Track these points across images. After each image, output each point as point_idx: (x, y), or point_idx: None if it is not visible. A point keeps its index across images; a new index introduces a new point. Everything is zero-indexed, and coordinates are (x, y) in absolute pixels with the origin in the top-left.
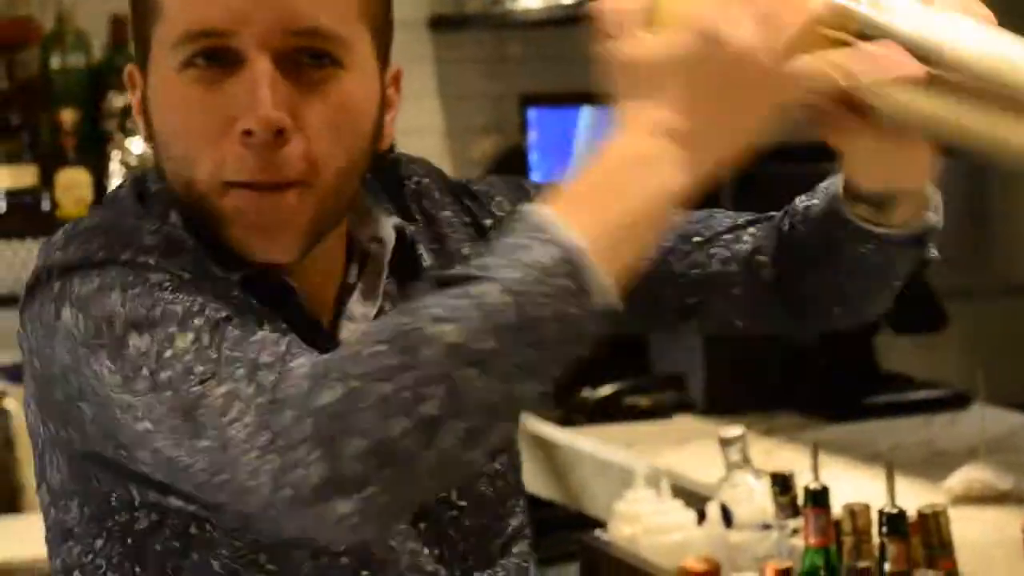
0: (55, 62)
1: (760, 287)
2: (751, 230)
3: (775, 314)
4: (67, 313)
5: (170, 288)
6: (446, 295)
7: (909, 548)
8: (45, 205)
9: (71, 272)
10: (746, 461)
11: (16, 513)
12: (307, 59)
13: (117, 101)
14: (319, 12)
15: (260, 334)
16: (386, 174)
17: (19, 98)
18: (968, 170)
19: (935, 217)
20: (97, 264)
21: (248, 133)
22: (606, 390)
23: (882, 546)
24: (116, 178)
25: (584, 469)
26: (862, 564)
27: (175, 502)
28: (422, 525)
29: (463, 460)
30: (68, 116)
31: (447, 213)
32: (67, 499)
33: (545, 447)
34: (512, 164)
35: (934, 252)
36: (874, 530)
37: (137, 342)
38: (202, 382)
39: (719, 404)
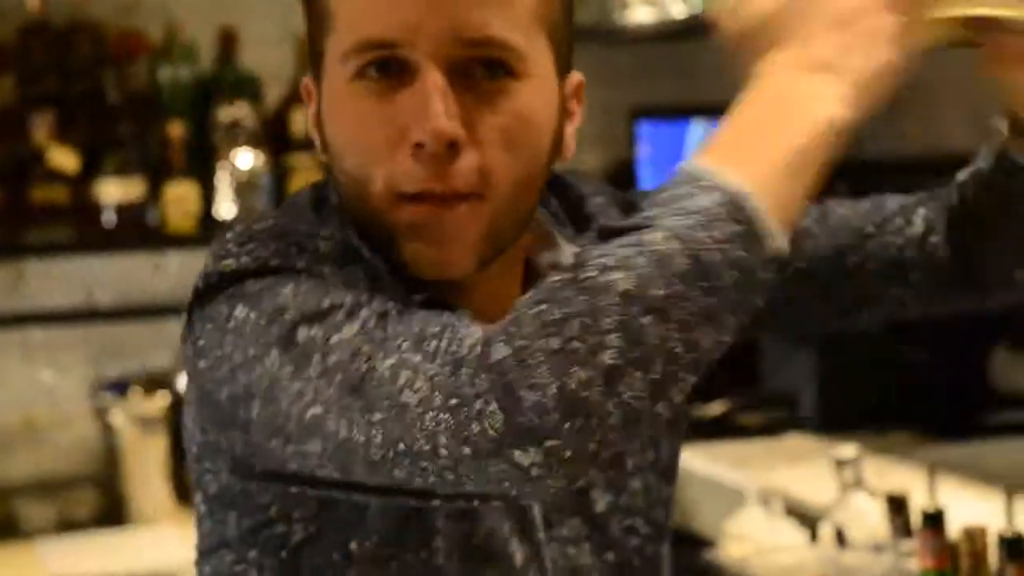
0: (164, 75)
1: (936, 269)
2: (921, 211)
3: (951, 294)
4: (239, 311)
5: (342, 286)
6: (612, 245)
7: None
8: (152, 219)
9: (245, 277)
10: (860, 482)
11: (121, 525)
12: (480, 69)
13: (225, 114)
14: (492, 21)
15: (422, 312)
16: (564, 192)
17: (128, 111)
18: None
19: None
20: (272, 271)
21: (420, 145)
22: (716, 408)
23: (1000, 570)
24: (224, 192)
25: (694, 488)
26: None
27: (342, 495)
28: (609, 556)
29: (648, 412)
30: (176, 129)
31: None
32: (225, 510)
33: None
34: (621, 177)
35: None
36: (991, 553)
37: (306, 332)
38: (369, 358)
39: (831, 422)
